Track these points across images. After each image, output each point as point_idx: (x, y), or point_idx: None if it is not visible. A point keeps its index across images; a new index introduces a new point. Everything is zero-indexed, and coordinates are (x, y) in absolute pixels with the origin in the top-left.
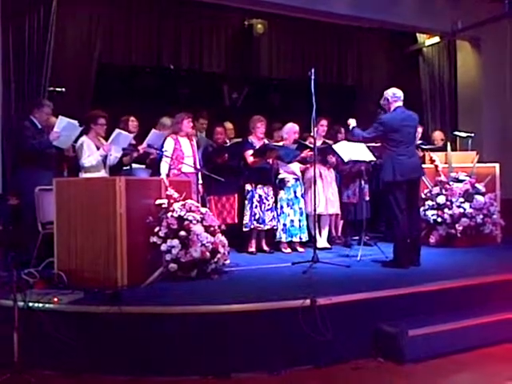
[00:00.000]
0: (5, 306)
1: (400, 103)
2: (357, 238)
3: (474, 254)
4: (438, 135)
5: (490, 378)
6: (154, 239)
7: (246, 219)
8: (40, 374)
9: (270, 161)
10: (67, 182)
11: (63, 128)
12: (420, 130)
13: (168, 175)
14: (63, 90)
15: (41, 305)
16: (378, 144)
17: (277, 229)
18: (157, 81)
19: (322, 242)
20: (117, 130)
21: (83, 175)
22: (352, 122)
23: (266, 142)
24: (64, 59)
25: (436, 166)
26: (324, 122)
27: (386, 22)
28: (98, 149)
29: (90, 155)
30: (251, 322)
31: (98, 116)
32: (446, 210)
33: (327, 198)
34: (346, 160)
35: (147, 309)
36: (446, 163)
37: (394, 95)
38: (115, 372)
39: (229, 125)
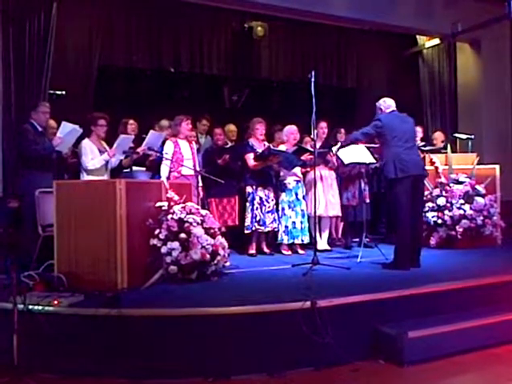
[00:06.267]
0: (4, 309)
1: (393, 109)
2: (357, 239)
3: (474, 255)
4: (438, 136)
5: (490, 380)
6: (154, 242)
7: (248, 221)
8: (40, 377)
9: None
10: (67, 185)
11: (67, 133)
12: (419, 129)
13: (168, 178)
14: (63, 93)
15: (41, 307)
16: (378, 145)
17: (278, 231)
18: (157, 83)
19: (322, 244)
20: (121, 136)
21: (85, 177)
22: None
23: (267, 144)
24: (64, 62)
25: (436, 168)
26: (323, 125)
27: (386, 24)
28: (101, 152)
29: (94, 158)
30: (251, 324)
31: (98, 117)
32: (446, 212)
33: (327, 200)
34: (346, 163)
35: (147, 311)
36: (446, 165)
37: (385, 102)
38: (116, 375)
39: (231, 127)
